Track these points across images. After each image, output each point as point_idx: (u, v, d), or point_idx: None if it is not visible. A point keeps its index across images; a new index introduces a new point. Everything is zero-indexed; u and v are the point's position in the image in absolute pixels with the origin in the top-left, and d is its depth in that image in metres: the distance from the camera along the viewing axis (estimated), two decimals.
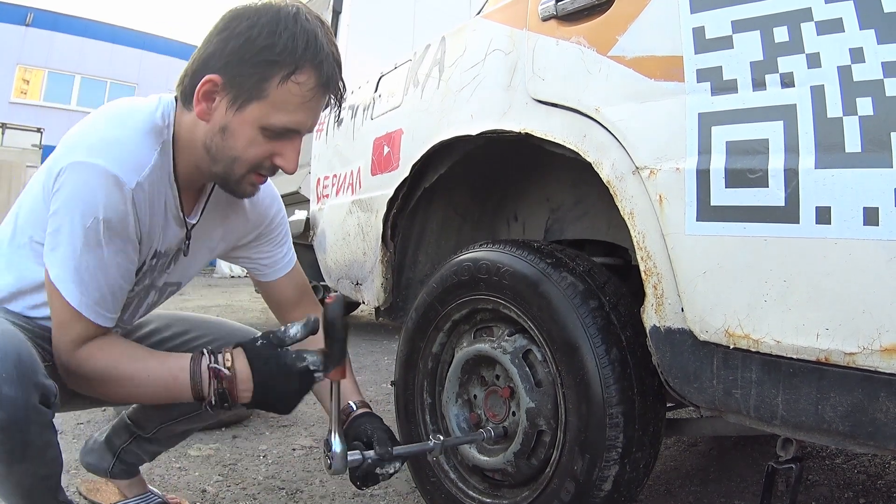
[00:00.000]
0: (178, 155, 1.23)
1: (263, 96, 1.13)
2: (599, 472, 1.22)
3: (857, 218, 0.87)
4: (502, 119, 1.44)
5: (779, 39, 0.98)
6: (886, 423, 0.87)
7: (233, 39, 1.11)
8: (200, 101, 1.15)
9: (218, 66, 1.13)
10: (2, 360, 0.98)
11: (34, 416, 1.01)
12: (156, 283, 1.39)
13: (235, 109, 1.14)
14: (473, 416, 1.56)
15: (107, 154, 1.10)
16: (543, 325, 1.32)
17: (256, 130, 1.16)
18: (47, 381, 1.05)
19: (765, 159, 0.96)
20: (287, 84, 1.12)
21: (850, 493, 1.87)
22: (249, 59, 1.11)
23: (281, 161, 1.20)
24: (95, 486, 1.77)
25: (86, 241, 1.11)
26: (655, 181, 1.09)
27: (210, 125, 1.17)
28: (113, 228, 1.12)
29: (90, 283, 1.14)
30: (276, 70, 1.11)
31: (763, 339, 0.96)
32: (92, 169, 1.09)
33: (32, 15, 19.70)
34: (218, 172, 1.22)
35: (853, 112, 0.89)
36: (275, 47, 1.10)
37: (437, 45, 1.76)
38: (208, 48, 1.14)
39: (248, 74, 1.11)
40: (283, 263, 1.54)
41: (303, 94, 1.14)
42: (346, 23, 4.61)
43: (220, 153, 1.19)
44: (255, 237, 1.50)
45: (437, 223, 1.97)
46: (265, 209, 1.49)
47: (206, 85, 1.13)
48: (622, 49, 1.20)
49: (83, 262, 1.12)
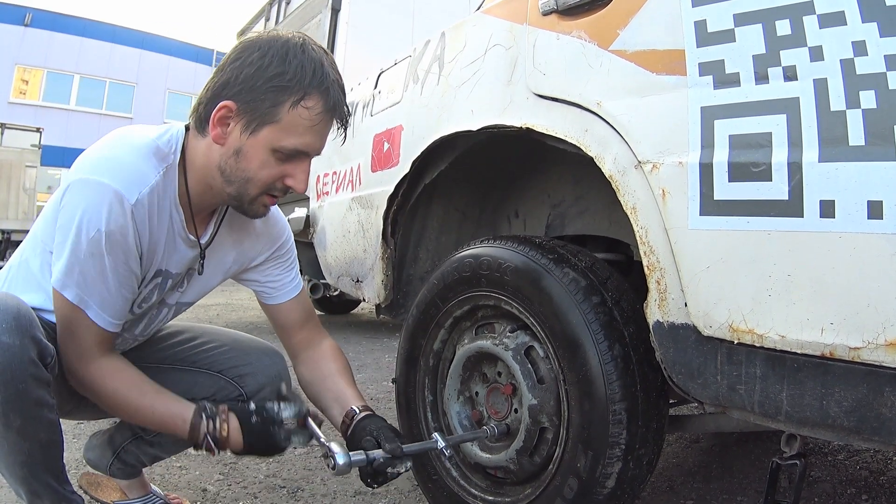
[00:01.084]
0: (190, 178, 1.30)
1: (276, 120, 1.20)
2: (602, 469, 1.21)
3: (861, 211, 0.86)
4: (503, 114, 1.44)
5: (781, 32, 0.97)
6: (891, 418, 0.86)
7: (246, 68, 1.19)
8: (216, 125, 1.22)
9: (232, 92, 1.20)
10: (1, 312, 1.07)
11: (30, 368, 1.09)
12: (168, 300, 1.46)
13: (249, 133, 1.21)
14: (475, 414, 1.55)
15: (109, 172, 1.18)
16: (545, 321, 1.31)
17: (269, 153, 1.22)
18: (45, 340, 1.13)
19: (768, 153, 0.95)
20: (297, 109, 1.19)
21: (852, 489, 1.87)
22: (262, 85, 1.18)
23: (292, 182, 1.27)
24: (96, 480, 1.76)
25: (89, 251, 1.18)
26: (658, 175, 1.08)
27: (225, 148, 1.24)
28: (114, 240, 1.19)
29: (92, 287, 1.21)
30: (287, 96, 1.19)
31: (767, 334, 0.96)
32: (96, 186, 1.16)
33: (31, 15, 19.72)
34: (232, 193, 1.28)
35: (856, 105, 0.89)
36: (285, 75, 1.18)
37: (437, 40, 1.76)
38: (222, 76, 1.22)
39: (261, 100, 1.19)
40: (290, 288, 1.59)
41: (311, 119, 1.21)
42: (346, 20, 4.61)
43: (234, 174, 1.25)
44: (265, 259, 1.55)
45: (438, 219, 1.97)
46: (278, 233, 1.56)
47: (221, 111, 1.20)
48: (623, 43, 1.20)
49: (86, 267, 1.19)
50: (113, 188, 1.16)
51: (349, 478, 2.03)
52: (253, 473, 2.06)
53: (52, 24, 20.05)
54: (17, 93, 19.72)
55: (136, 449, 1.68)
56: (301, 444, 1.33)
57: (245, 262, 1.53)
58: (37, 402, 1.12)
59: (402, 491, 1.93)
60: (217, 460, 2.15)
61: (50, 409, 1.16)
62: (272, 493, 1.91)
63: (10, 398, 1.07)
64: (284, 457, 2.21)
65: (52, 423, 1.18)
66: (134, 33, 22.12)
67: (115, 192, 1.17)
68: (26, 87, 20.09)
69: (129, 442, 1.68)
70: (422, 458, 1.64)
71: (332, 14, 4.64)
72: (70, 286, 1.20)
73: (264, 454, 1.35)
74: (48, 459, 1.19)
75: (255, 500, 1.86)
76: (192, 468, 2.09)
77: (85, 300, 1.21)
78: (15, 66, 19.62)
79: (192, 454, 2.18)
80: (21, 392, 1.08)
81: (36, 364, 1.10)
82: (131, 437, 1.68)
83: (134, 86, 21.42)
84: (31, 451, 1.14)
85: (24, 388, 1.08)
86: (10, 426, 1.10)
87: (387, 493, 1.91)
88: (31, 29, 19.63)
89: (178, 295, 1.47)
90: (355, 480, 2.00)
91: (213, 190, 1.30)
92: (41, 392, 1.12)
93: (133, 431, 1.67)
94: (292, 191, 1.29)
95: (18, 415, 1.09)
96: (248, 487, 1.94)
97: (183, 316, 1.58)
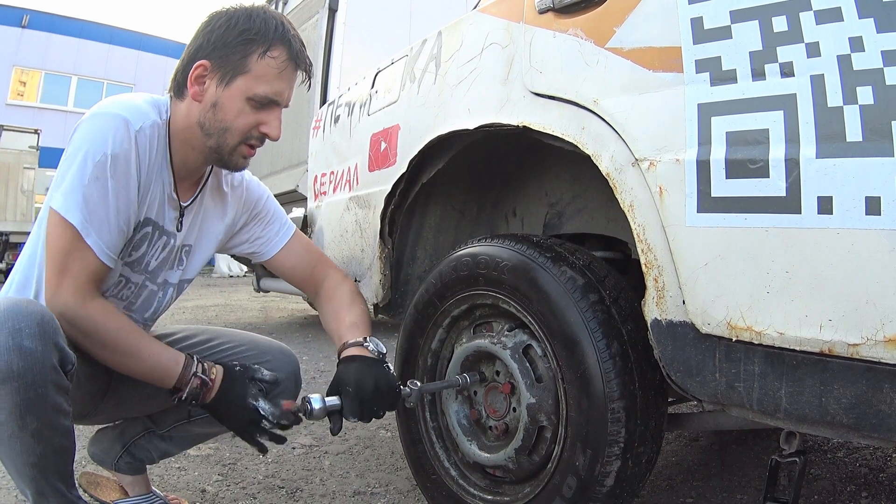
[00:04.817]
0: (173, 142, 1.40)
1: (246, 70, 1.33)
2: (601, 468, 1.21)
3: (859, 208, 0.86)
4: (500, 113, 1.43)
5: (778, 29, 0.97)
6: (890, 414, 0.86)
7: (216, 30, 1.34)
8: (193, 84, 1.35)
9: (205, 53, 1.34)
10: (26, 317, 1.10)
11: (52, 375, 1.12)
12: (171, 279, 1.54)
13: (224, 86, 1.34)
14: (474, 413, 1.55)
15: (114, 104, 1.31)
16: (543, 319, 1.31)
17: (243, 101, 1.35)
18: (67, 347, 1.16)
19: (765, 149, 0.95)
20: (265, 59, 1.34)
21: (852, 486, 1.87)
22: (231, 41, 1.33)
23: (266, 129, 1.39)
24: (95, 480, 1.76)
25: (94, 173, 1.24)
26: (655, 173, 1.08)
27: (202, 104, 1.36)
28: (119, 164, 1.26)
29: (94, 211, 1.25)
30: (255, 47, 1.33)
31: (766, 331, 0.95)
32: (103, 115, 1.28)
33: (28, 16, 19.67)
34: (212, 146, 1.39)
35: (854, 101, 0.88)
36: (251, 30, 1.33)
37: (434, 39, 1.75)
38: (195, 43, 1.36)
39: (232, 53, 1.33)
40: (280, 237, 1.68)
41: (278, 66, 1.35)
42: (343, 20, 4.60)
43: (213, 126, 1.36)
44: (245, 221, 1.65)
45: (435, 219, 1.96)
46: (255, 197, 1.66)
47: (197, 70, 1.34)
48: (620, 41, 1.19)
49: (90, 191, 1.24)
50: (119, 114, 1.27)
51: (348, 477, 2.03)
52: (252, 474, 2.06)
53: (49, 26, 20.00)
54: (14, 94, 19.66)
55: (146, 443, 1.70)
56: (270, 413, 1.33)
57: (231, 229, 1.63)
58: (55, 407, 1.14)
59: (402, 490, 1.93)
60: (216, 461, 2.15)
61: (66, 416, 1.17)
62: (271, 494, 1.90)
63: (29, 401, 1.10)
64: (284, 457, 2.21)
65: (67, 430, 1.20)
66: (131, 35, 22.08)
67: (121, 117, 1.27)
68: (24, 89, 20.04)
69: (141, 436, 1.69)
70: (421, 461, 1.64)
71: (329, 14, 4.63)
72: (74, 210, 1.23)
73: (232, 407, 1.35)
74: (59, 464, 1.20)
75: (254, 501, 1.85)
76: (190, 469, 2.08)
77: (86, 226, 1.24)
78: (13, 67, 19.56)
79: (191, 455, 2.18)
80: (41, 396, 1.11)
81: (57, 371, 1.13)
82: (143, 432, 1.69)
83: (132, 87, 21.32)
84: (44, 454, 1.16)
85: (43, 393, 1.11)
86: (26, 428, 1.11)
87: (386, 493, 1.91)
88: (28, 30, 19.58)
89: (180, 273, 1.55)
90: (354, 480, 2.00)
91: (195, 151, 1.41)
92: (60, 398, 1.15)
93: (145, 426, 1.69)
94: (268, 138, 1.40)
95: (35, 418, 1.11)
96: (246, 488, 1.94)
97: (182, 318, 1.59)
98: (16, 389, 1.08)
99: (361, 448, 2.35)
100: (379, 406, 1.36)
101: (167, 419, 1.68)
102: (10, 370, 1.08)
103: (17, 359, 1.08)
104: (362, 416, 1.34)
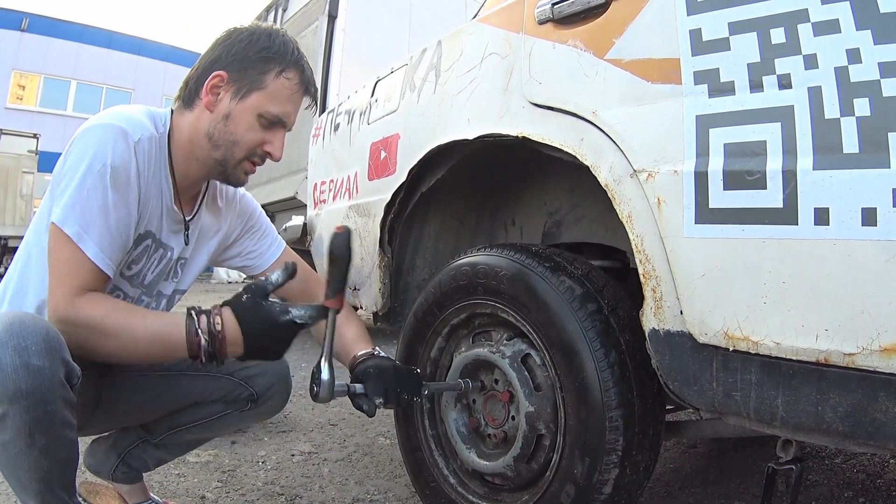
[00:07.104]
0: (175, 153, 1.41)
1: (263, 87, 1.36)
2: (599, 476, 1.22)
3: (855, 219, 0.87)
4: (499, 123, 1.44)
5: (776, 41, 0.98)
6: (886, 422, 0.87)
7: (237, 44, 1.36)
8: (208, 93, 1.36)
9: (224, 64, 1.36)
10: (31, 334, 1.08)
11: (59, 391, 1.10)
12: (164, 291, 1.54)
13: (239, 99, 1.36)
14: (472, 421, 1.55)
15: (112, 116, 1.30)
16: (542, 329, 1.31)
17: (254, 117, 1.37)
18: (73, 361, 1.14)
19: (763, 161, 0.96)
20: (280, 78, 1.37)
21: (849, 492, 1.87)
22: (251, 56, 1.35)
23: (270, 148, 1.41)
24: (95, 489, 1.76)
25: (93, 185, 1.23)
26: (653, 184, 1.09)
27: (214, 115, 1.37)
28: (118, 174, 1.26)
29: (93, 222, 1.24)
30: (273, 65, 1.36)
31: (762, 340, 0.96)
32: (101, 126, 1.27)
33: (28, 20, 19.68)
34: (218, 158, 1.40)
35: (850, 113, 0.89)
36: (272, 48, 1.36)
37: (434, 49, 1.76)
38: (213, 53, 1.38)
39: (251, 68, 1.36)
40: (271, 252, 1.71)
41: (291, 88, 1.39)
42: (342, 27, 4.60)
43: (223, 138, 1.38)
44: (238, 234, 1.67)
45: (435, 228, 1.97)
46: (248, 210, 1.69)
47: (214, 79, 1.36)
48: (619, 52, 1.20)
49: (89, 202, 1.23)
50: (118, 126, 1.27)
51: (347, 485, 2.04)
52: (251, 481, 2.06)
53: (48, 30, 20.01)
54: (13, 98, 19.66)
55: (141, 452, 1.69)
56: (305, 318, 1.24)
57: (224, 242, 1.64)
58: (63, 422, 1.13)
59: (400, 498, 1.93)
60: (216, 467, 2.15)
61: (72, 429, 1.16)
62: (270, 500, 1.90)
63: (38, 419, 1.08)
64: (283, 464, 2.21)
65: (73, 442, 1.19)
66: (131, 39, 22.10)
67: (120, 129, 1.27)
68: (23, 93, 20.04)
69: (136, 446, 1.68)
70: (419, 466, 1.64)
71: (328, 21, 4.64)
72: (71, 221, 1.22)
73: (267, 341, 1.25)
74: (64, 476, 1.19)
75: None
76: (190, 475, 2.08)
77: (84, 237, 1.22)
78: (12, 71, 19.57)
79: (190, 462, 2.18)
80: (50, 413, 1.09)
81: (64, 386, 1.12)
82: (137, 441, 1.68)
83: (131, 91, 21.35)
84: (51, 469, 1.15)
85: (52, 410, 1.09)
86: (34, 445, 1.10)
87: (384, 500, 1.91)
88: (27, 34, 19.59)
89: (174, 284, 1.56)
90: (353, 487, 2.01)
91: (198, 162, 1.41)
92: (67, 413, 1.13)
93: (139, 435, 1.68)
94: (270, 157, 1.42)
95: (44, 435, 1.10)
96: (246, 495, 1.94)
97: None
98: (25, 408, 1.06)
99: (360, 455, 2.36)
100: (402, 388, 1.40)
101: (160, 427, 1.66)
102: (20, 389, 1.05)
103: (26, 377, 1.05)
104: (386, 397, 1.36)
